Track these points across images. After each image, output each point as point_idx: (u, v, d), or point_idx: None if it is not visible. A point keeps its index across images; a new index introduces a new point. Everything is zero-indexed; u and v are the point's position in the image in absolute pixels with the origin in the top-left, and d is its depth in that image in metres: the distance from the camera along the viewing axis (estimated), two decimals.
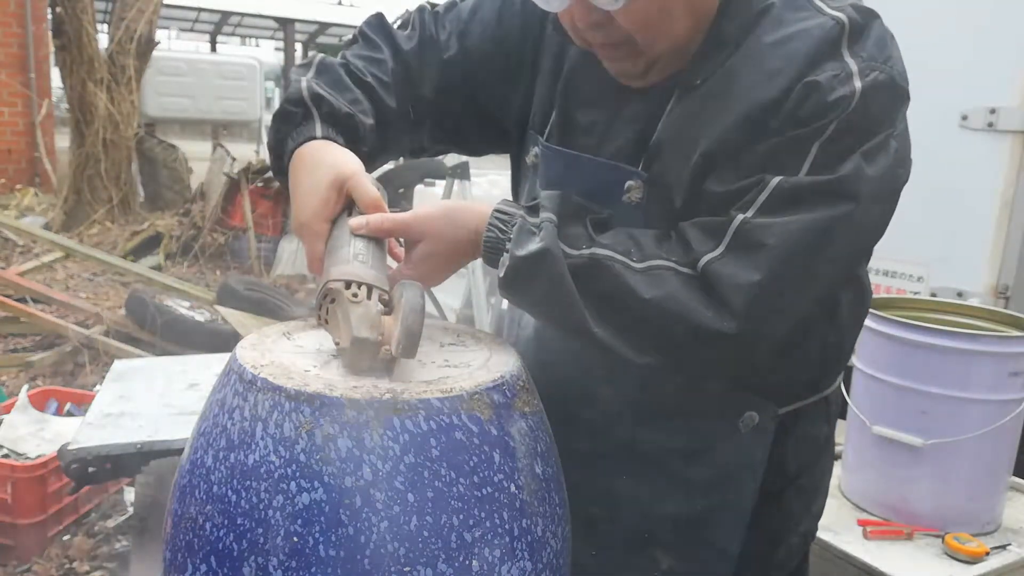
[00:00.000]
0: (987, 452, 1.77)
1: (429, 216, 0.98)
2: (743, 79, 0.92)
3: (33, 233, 5.58)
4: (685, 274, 0.89)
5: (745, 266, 0.87)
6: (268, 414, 0.80)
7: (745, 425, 1.03)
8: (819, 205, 0.87)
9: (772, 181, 0.88)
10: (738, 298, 0.86)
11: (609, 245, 0.91)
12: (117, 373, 2.23)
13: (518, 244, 0.91)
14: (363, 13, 6.85)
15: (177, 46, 17.87)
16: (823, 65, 0.88)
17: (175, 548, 0.86)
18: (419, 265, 0.98)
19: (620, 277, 0.89)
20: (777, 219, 0.87)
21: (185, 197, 7.43)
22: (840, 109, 0.87)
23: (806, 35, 0.90)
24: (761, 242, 0.87)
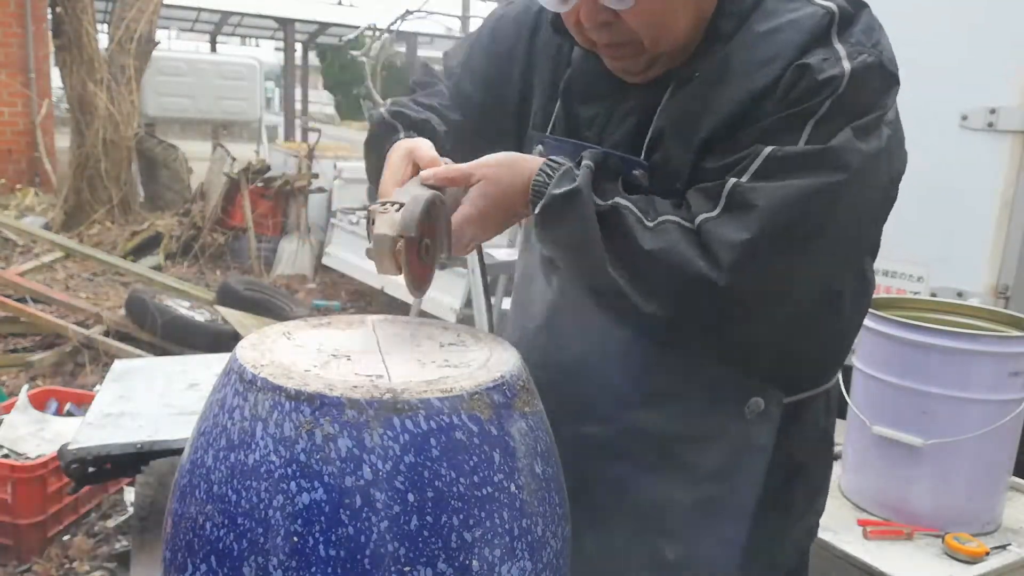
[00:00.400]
0: (987, 452, 1.77)
1: (488, 162, 1.03)
2: (738, 68, 0.97)
3: (33, 233, 5.58)
4: (687, 228, 0.95)
5: (736, 226, 0.92)
6: (268, 414, 0.80)
7: (751, 411, 1.05)
8: (809, 172, 0.91)
9: (764, 150, 0.93)
10: (728, 255, 0.91)
11: (632, 200, 0.97)
12: (117, 373, 2.23)
13: (557, 184, 0.97)
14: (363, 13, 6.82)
15: (177, 46, 17.87)
16: (813, 50, 0.93)
17: (175, 548, 0.86)
18: (472, 205, 1.01)
19: (632, 229, 0.95)
20: (767, 184, 0.92)
21: (185, 197, 7.43)
22: (831, 88, 0.91)
23: (797, 24, 0.95)
24: (751, 203, 0.92)
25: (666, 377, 1.05)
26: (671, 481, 1.08)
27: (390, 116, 1.17)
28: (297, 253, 6.31)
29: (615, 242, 0.95)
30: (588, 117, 1.10)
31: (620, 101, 1.08)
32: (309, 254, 6.36)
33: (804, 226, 0.93)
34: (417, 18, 8.41)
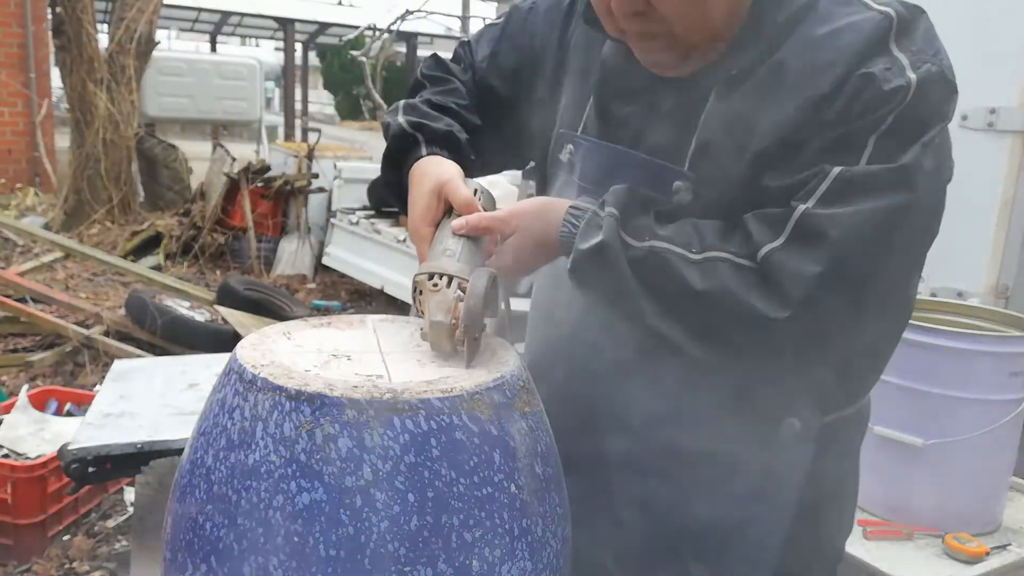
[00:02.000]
0: (987, 452, 1.76)
1: (523, 212, 1.01)
2: (793, 73, 0.91)
3: (33, 233, 5.57)
4: (740, 265, 0.90)
5: (806, 257, 0.87)
6: (268, 414, 0.80)
7: (786, 432, 1.00)
8: (880, 194, 0.86)
9: (832, 171, 0.87)
10: (797, 289, 0.86)
11: (669, 237, 0.92)
12: (117, 373, 2.23)
13: (583, 237, 0.94)
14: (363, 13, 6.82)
15: (177, 46, 17.86)
16: (874, 58, 0.88)
17: (175, 548, 0.86)
18: (504, 256, 1.01)
19: (675, 269, 0.90)
20: (838, 209, 0.86)
21: (185, 197, 7.43)
22: (897, 100, 0.86)
23: (856, 29, 0.90)
24: (823, 233, 0.86)
25: (700, 395, 1.00)
26: (700, 501, 1.03)
27: (410, 127, 1.12)
28: (297, 253, 6.30)
29: (658, 288, 0.91)
30: (622, 116, 1.04)
31: (657, 100, 1.01)
32: (309, 254, 6.35)
33: (875, 252, 0.88)
34: (417, 18, 8.41)
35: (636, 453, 1.05)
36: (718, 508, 1.03)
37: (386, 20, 8.22)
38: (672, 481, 1.04)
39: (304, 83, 13.69)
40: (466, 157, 1.12)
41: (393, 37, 8.44)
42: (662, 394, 1.01)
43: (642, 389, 1.02)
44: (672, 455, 1.03)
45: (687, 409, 1.01)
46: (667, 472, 1.04)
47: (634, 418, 1.04)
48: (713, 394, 0.99)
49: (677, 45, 0.94)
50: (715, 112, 0.95)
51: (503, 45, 1.19)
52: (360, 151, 8.81)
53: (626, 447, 1.05)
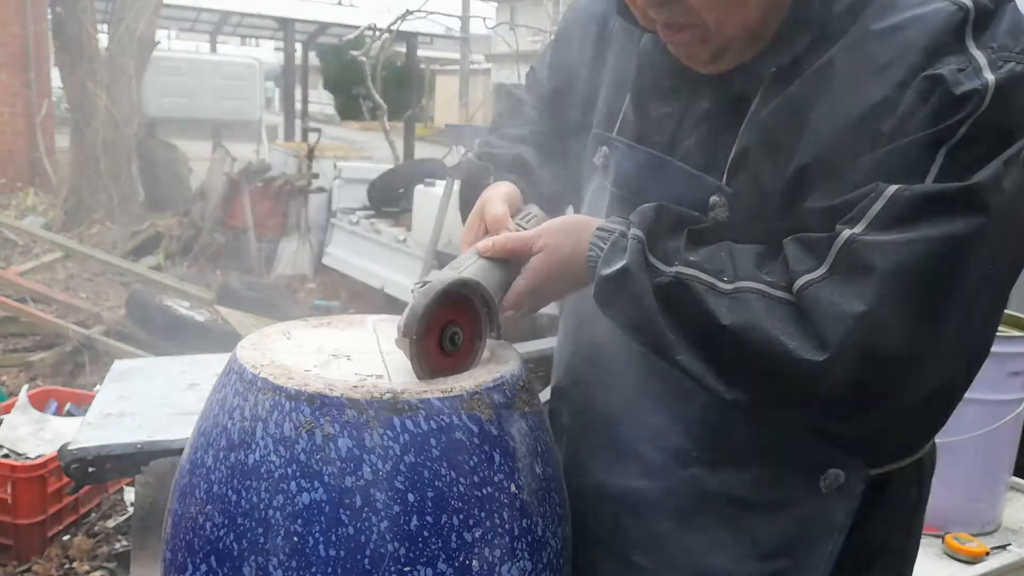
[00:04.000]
0: (987, 452, 1.77)
1: (551, 229, 0.92)
2: (846, 75, 0.79)
3: (33, 233, 5.58)
4: (775, 298, 0.78)
5: (848, 293, 0.74)
6: (268, 414, 0.80)
7: (828, 484, 0.88)
8: (943, 220, 0.72)
9: (888, 189, 0.74)
10: (836, 330, 0.74)
11: (698, 263, 0.82)
12: (117, 373, 2.23)
13: (606, 262, 0.85)
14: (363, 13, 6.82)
15: (177, 46, 17.86)
16: (944, 58, 0.75)
17: (175, 548, 0.86)
18: (528, 277, 0.91)
19: (702, 300, 0.79)
20: (891, 236, 0.73)
21: (185, 197, 7.43)
22: (971, 106, 0.73)
23: (922, 22, 0.77)
24: (869, 264, 0.73)
25: (731, 435, 0.89)
26: (722, 549, 0.92)
27: (479, 159, 1.09)
28: (297, 253, 6.31)
29: (683, 319, 0.81)
30: (658, 117, 0.94)
31: (693, 100, 0.91)
32: (309, 254, 6.36)
33: (934, 289, 0.74)
34: (417, 18, 8.41)
35: (652, 491, 0.95)
36: (742, 559, 0.92)
37: (386, 20, 8.22)
38: (691, 526, 0.93)
39: (304, 83, 13.68)
40: (540, 181, 1.07)
41: (393, 37, 8.44)
42: (687, 433, 0.91)
43: (665, 422, 0.93)
44: (696, 496, 0.92)
45: (714, 450, 0.91)
46: (685, 515, 0.93)
47: (653, 453, 0.94)
48: (746, 435, 0.88)
49: (709, 38, 0.83)
50: (757, 118, 0.84)
51: (555, 57, 1.12)
52: (360, 151, 8.82)
53: (642, 484, 0.95)
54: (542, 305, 0.94)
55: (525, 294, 0.91)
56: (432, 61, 21.09)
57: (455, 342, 0.88)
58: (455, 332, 0.88)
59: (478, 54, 20.31)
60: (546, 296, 0.94)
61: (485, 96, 16.62)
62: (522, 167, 1.08)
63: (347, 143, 10.56)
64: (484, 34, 15.91)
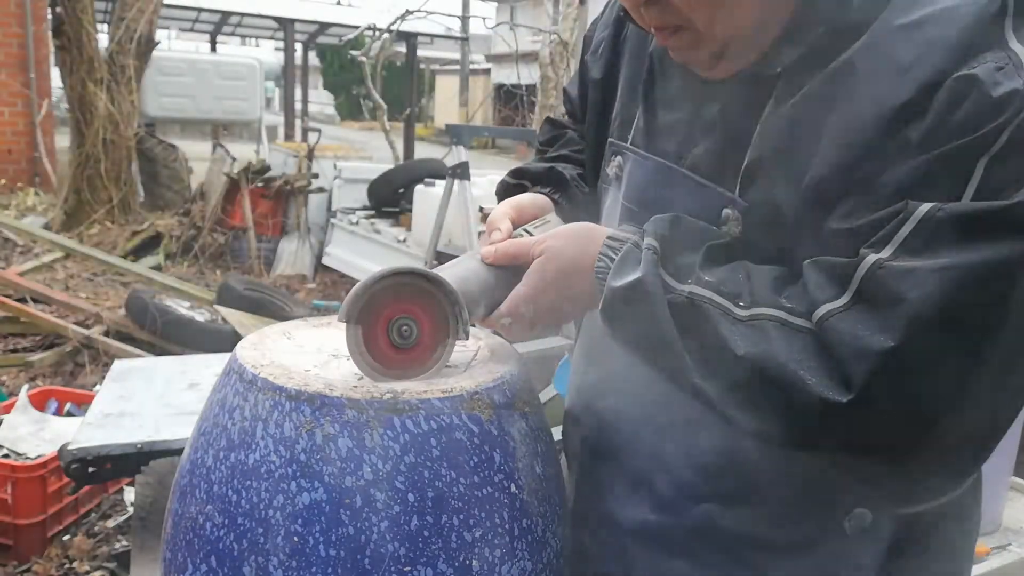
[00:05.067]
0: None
1: (554, 234, 0.87)
2: (867, 76, 0.71)
3: (33, 233, 5.58)
4: (794, 327, 0.71)
5: (874, 326, 0.66)
6: (268, 414, 0.80)
7: (853, 525, 0.81)
8: (983, 244, 0.64)
9: (919, 209, 0.66)
10: (859, 367, 0.66)
11: (714, 284, 0.75)
12: (117, 373, 2.23)
13: (617, 273, 0.78)
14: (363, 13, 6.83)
15: (177, 46, 17.84)
16: (979, 55, 0.67)
17: (175, 548, 0.86)
18: (526, 282, 0.86)
19: (716, 326, 0.73)
20: (923, 262, 0.65)
21: (185, 197, 7.43)
22: (1012, 110, 0.64)
23: (952, 16, 0.69)
24: (899, 294, 0.65)
25: (747, 470, 0.82)
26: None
27: (511, 177, 1.09)
28: (297, 253, 6.31)
29: (695, 343, 0.74)
30: (668, 124, 0.89)
31: (703, 106, 0.85)
32: (309, 254, 6.36)
33: (974, 321, 0.65)
34: (417, 18, 8.42)
35: (664, 526, 0.89)
36: None
37: (386, 20, 8.23)
38: (706, 565, 0.87)
39: (304, 83, 13.68)
40: (576, 193, 1.04)
41: (393, 37, 8.45)
42: (703, 461, 0.85)
43: (677, 454, 0.87)
44: (706, 536, 0.86)
45: (730, 483, 0.84)
46: (698, 554, 0.87)
47: (665, 486, 0.88)
48: (763, 470, 0.81)
49: (704, 41, 0.78)
50: (770, 125, 0.78)
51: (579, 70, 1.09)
52: (360, 151, 8.82)
53: (653, 518, 0.89)
54: (545, 318, 0.87)
55: (522, 300, 0.86)
56: (432, 61, 21.10)
57: (404, 335, 0.83)
58: (405, 325, 0.82)
59: (478, 54, 20.32)
60: (544, 304, 0.86)
61: (485, 96, 16.62)
62: (556, 179, 1.04)
63: (347, 143, 10.56)
64: (484, 34, 15.92)
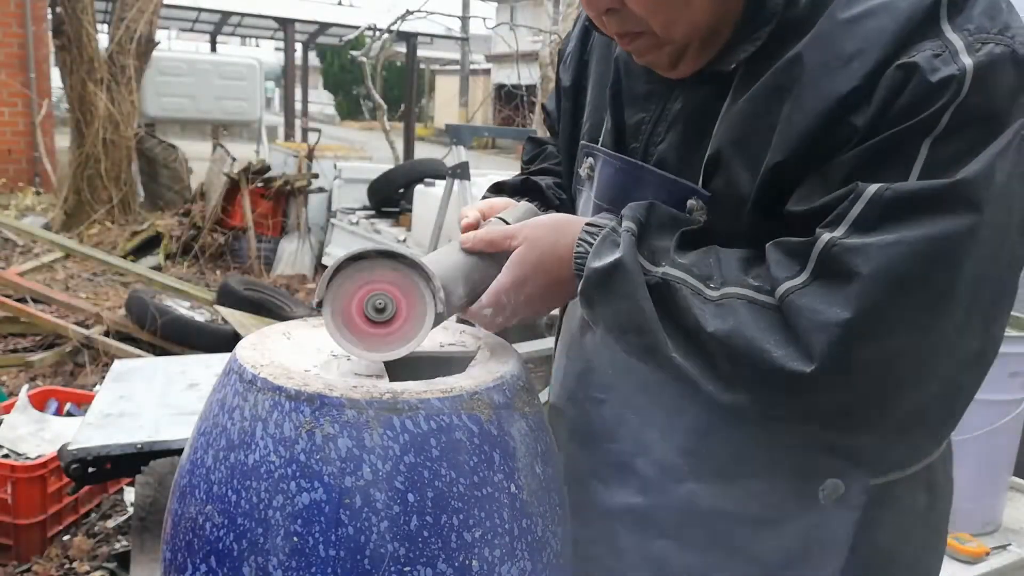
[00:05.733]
0: (987, 452, 1.77)
1: (533, 223, 0.90)
2: (814, 68, 0.76)
3: (33, 233, 5.57)
4: (760, 303, 0.76)
5: (831, 300, 0.71)
6: (268, 414, 0.80)
7: (827, 495, 0.85)
8: (929, 219, 0.69)
9: (868, 189, 0.71)
10: (819, 338, 0.71)
11: (686, 266, 0.80)
12: (117, 373, 2.23)
13: (596, 255, 0.82)
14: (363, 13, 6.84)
15: (177, 46, 17.86)
16: (918, 44, 0.71)
17: (175, 548, 0.86)
18: (507, 271, 0.88)
19: (688, 305, 0.77)
20: (874, 238, 0.70)
21: (185, 197, 7.44)
22: (950, 94, 0.69)
23: (891, 8, 0.73)
24: (852, 269, 0.70)
25: (723, 448, 0.86)
26: (722, 567, 0.89)
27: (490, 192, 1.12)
28: (297, 253, 6.31)
29: (670, 322, 0.79)
30: (634, 124, 0.93)
31: (667, 104, 0.90)
32: (309, 254, 6.36)
33: (924, 291, 0.71)
34: (417, 18, 8.42)
35: (649, 508, 0.92)
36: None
37: (386, 20, 8.23)
38: (689, 543, 0.90)
39: (304, 83, 13.69)
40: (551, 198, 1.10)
41: (393, 37, 8.45)
42: (679, 445, 0.89)
43: (657, 436, 0.90)
44: (692, 513, 0.90)
45: (707, 463, 0.88)
46: (682, 532, 0.90)
47: (647, 469, 0.92)
48: (738, 448, 0.85)
49: (663, 44, 0.83)
50: (728, 118, 0.83)
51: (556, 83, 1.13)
52: (360, 151, 8.82)
53: (638, 500, 0.93)
54: (526, 307, 0.90)
55: (504, 289, 0.88)
56: (432, 61, 21.10)
57: (380, 310, 0.84)
58: (380, 300, 0.84)
59: (478, 54, 20.32)
60: (526, 293, 0.89)
61: (485, 96, 16.62)
62: (532, 188, 1.10)
63: (347, 143, 10.57)
64: (484, 34, 15.93)
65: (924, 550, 0.97)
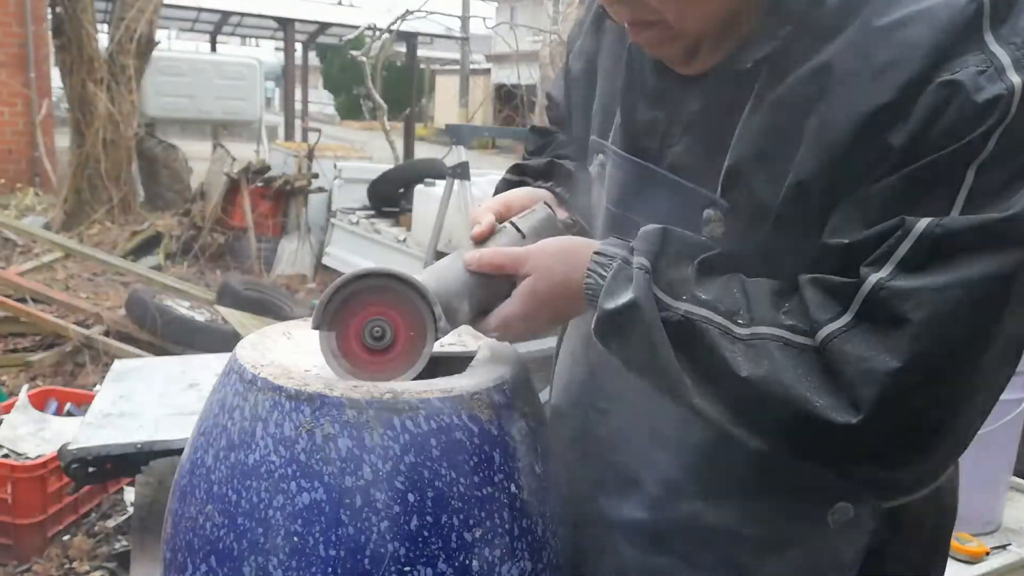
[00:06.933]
0: (987, 452, 1.76)
1: (544, 250, 0.85)
2: (845, 77, 0.71)
3: (33, 233, 5.58)
4: (797, 346, 0.71)
5: (880, 347, 0.67)
6: (268, 414, 0.80)
7: (836, 519, 0.81)
8: (983, 257, 0.65)
9: (917, 225, 0.66)
10: (868, 390, 0.66)
11: (710, 302, 0.74)
12: (117, 373, 2.23)
13: (608, 294, 0.77)
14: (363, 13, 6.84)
15: (177, 46, 17.84)
16: (959, 58, 0.66)
17: (175, 548, 0.86)
18: (518, 302, 0.85)
19: (716, 346, 0.72)
20: (924, 281, 0.65)
21: (185, 197, 7.43)
22: (998, 115, 0.64)
23: (929, 17, 0.68)
24: (902, 315, 0.66)
25: (730, 467, 0.82)
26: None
27: (511, 173, 1.08)
28: (297, 253, 6.31)
29: (695, 363, 0.74)
30: (647, 122, 0.88)
31: (682, 103, 0.84)
32: (309, 254, 6.36)
33: (978, 334, 0.67)
34: (417, 18, 8.42)
35: (653, 524, 0.89)
36: None
37: (386, 20, 8.23)
38: (693, 563, 0.88)
39: (304, 83, 13.70)
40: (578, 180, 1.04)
41: (393, 37, 8.44)
42: (686, 463, 0.86)
43: (663, 450, 0.87)
44: (697, 532, 0.87)
45: (715, 482, 0.85)
46: (687, 550, 0.88)
47: (653, 484, 0.89)
48: (746, 468, 0.81)
49: (676, 36, 0.78)
50: (749, 125, 0.77)
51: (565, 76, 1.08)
52: (360, 151, 8.82)
53: (643, 516, 0.90)
54: (532, 331, 0.88)
55: (514, 319, 0.85)
56: (432, 61, 21.10)
57: (378, 337, 0.82)
58: (377, 326, 0.82)
59: (478, 54, 20.32)
60: (537, 323, 0.86)
61: (485, 96, 16.62)
62: (558, 172, 1.03)
63: (347, 143, 10.56)
64: (484, 34, 15.92)
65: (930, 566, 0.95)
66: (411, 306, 0.82)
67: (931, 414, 0.69)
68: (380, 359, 0.84)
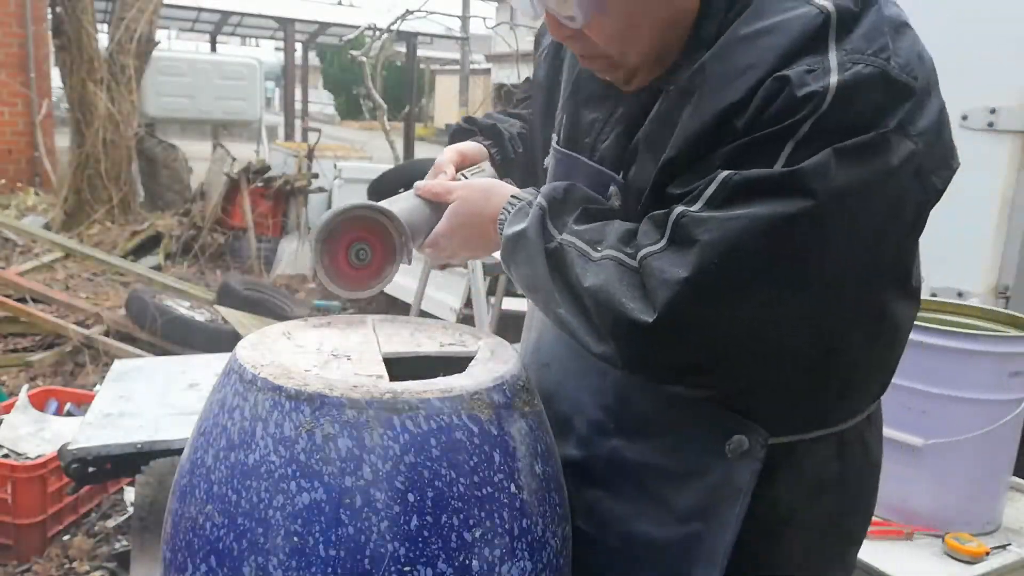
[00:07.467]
0: (987, 452, 1.76)
1: (470, 185, 1.09)
2: (712, 78, 0.85)
3: (33, 233, 5.58)
4: (627, 266, 0.87)
5: (675, 262, 0.82)
6: (268, 414, 0.80)
7: (733, 450, 0.94)
8: (767, 199, 0.79)
9: (720, 174, 0.81)
10: (662, 293, 0.82)
11: (580, 233, 0.92)
12: (117, 373, 2.23)
13: (510, 224, 0.98)
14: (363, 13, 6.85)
15: (177, 46, 17.84)
16: (799, 61, 0.80)
17: (175, 548, 0.86)
18: (445, 220, 1.07)
19: (573, 263, 0.90)
20: (717, 212, 0.80)
21: (185, 197, 7.43)
22: (812, 106, 0.78)
23: (784, 28, 0.82)
24: (693, 237, 0.81)
25: (641, 405, 0.98)
26: (646, 515, 0.99)
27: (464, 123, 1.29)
28: (297, 253, 6.31)
29: (561, 281, 0.91)
30: (588, 122, 1.05)
31: (616, 107, 1.02)
32: (309, 254, 6.36)
33: (759, 261, 0.80)
34: (417, 18, 8.41)
35: (583, 460, 1.04)
36: (662, 524, 0.98)
37: (386, 20, 8.22)
38: (617, 493, 1.01)
39: (304, 83, 13.68)
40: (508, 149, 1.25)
41: (393, 37, 8.44)
42: (603, 404, 1.02)
43: (587, 395, 1.04)
44: (617, 465, 1.01)
45: (628, 420, 1.00)
46: (613, 484, 1.02)
47: (582, 425, 1.04)
48: (654, 407, 0.97)
49: (618, 66, 0.95)
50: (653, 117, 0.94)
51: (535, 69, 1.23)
52: (360, 151, 8.82)
53: (576, 453, 1.04)
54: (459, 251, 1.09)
55: (440, 236, 1.07)
56: (432, 61, 21.09)
57: (360, 257, 1.03)
58: (361, 248, 1.03)
59: (478, 54, 20.30)
60: (461, 242, 1.07)
61: (485, 96, 16.61)
62: (496, 135, 1.25)
63: (347, 143, 10.56)
64: (484, 34, 15.91)
65: (841, 516, 1.05)
66: (388, 235, 1.04)
67: (728, 332, 0.84)
68: (355, 274, 1.03)
